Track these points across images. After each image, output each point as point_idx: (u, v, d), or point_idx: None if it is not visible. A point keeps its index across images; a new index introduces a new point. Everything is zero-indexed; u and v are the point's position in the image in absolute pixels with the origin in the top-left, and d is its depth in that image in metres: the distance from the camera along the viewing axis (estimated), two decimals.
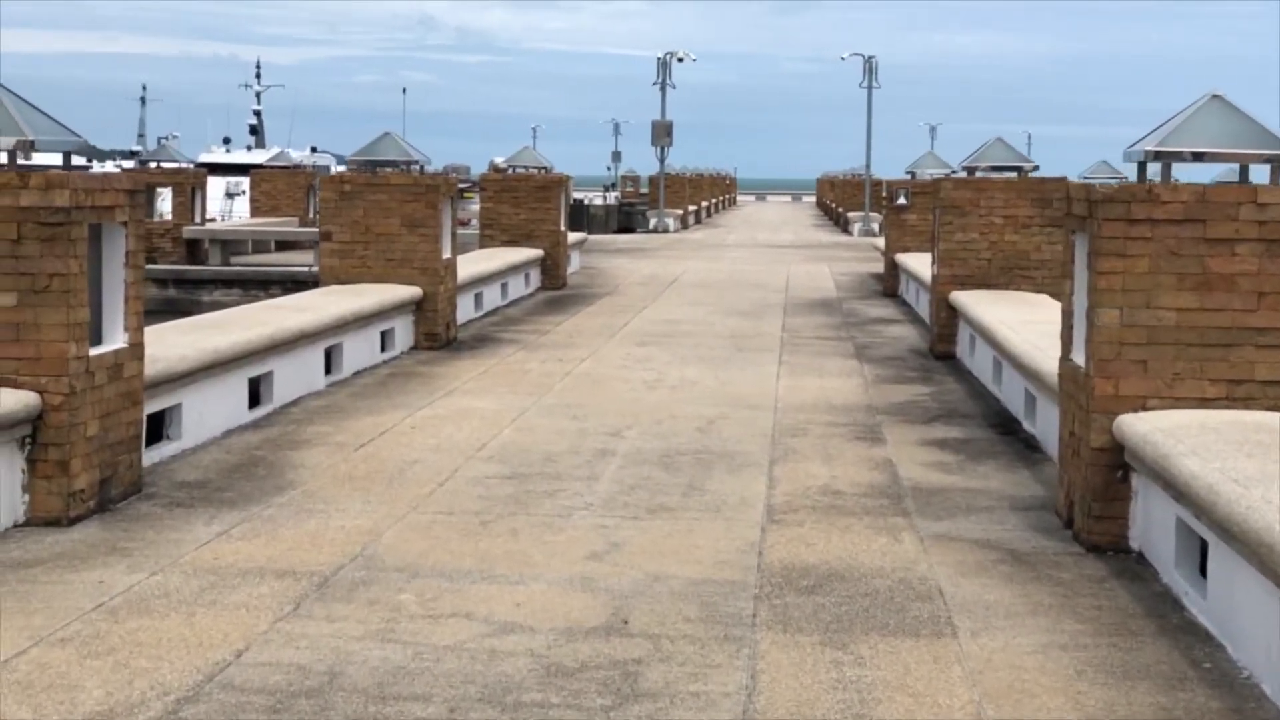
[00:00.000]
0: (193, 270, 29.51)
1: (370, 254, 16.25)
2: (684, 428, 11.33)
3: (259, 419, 11.36)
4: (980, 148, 16.36)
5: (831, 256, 35.97)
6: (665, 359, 15.51)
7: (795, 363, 15.41)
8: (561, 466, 9.76)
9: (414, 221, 16.21)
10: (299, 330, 12.20)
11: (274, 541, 7.67)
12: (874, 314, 21.29)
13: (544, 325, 18.92)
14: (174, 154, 31.66)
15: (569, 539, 7.81)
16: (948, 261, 16.03)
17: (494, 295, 20.91)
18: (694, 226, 57.38)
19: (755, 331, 18.41)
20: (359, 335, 14.23)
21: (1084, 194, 7.94)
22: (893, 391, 13.56)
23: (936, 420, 11.99)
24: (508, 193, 25.00)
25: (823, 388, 13.68)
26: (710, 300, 22.83)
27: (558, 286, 24.70)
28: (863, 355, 16.26)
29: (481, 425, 11.27)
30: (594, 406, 12.28)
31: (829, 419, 11.89)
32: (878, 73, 52.78)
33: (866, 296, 24.29)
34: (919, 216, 24.31)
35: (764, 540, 7.85)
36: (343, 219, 16.27)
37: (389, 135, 16.65)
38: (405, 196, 16.22)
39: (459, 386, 13.36)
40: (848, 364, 15.48)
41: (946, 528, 8.22)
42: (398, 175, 16.33)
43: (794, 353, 16.28)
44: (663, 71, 51.37)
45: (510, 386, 13.40)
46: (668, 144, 50.66)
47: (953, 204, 15.99)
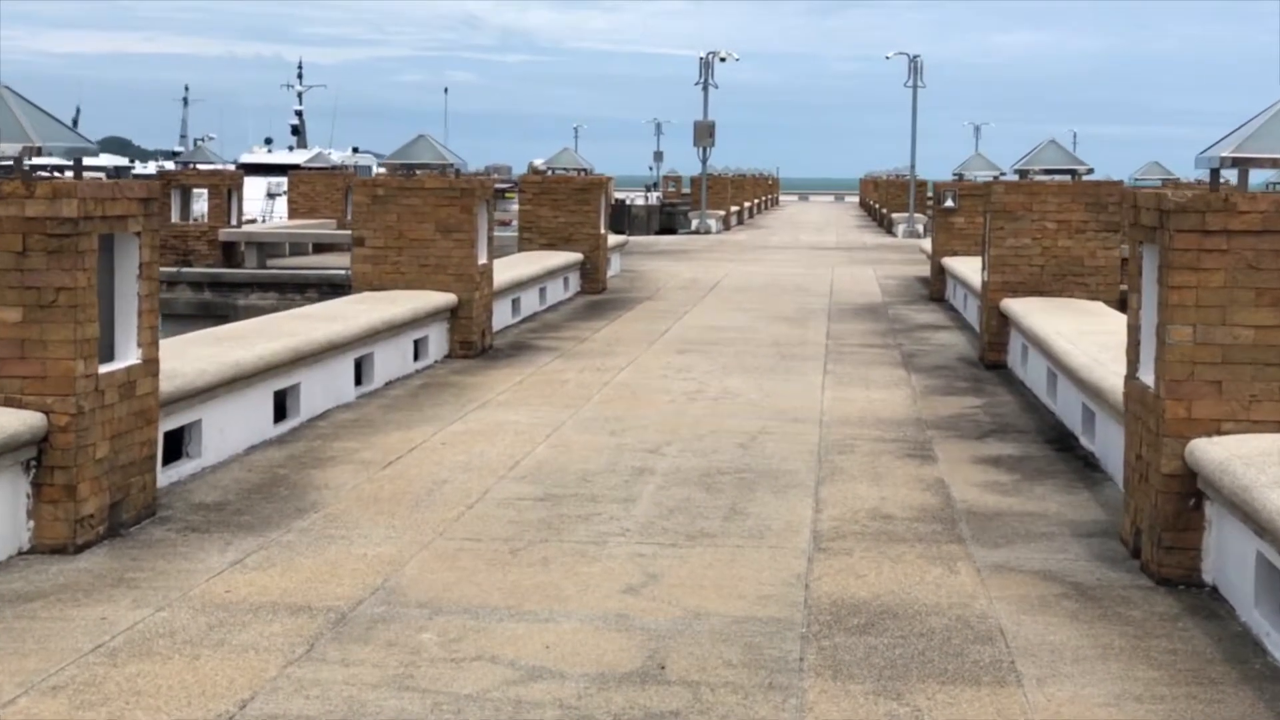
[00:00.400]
0: (229, 273, 29.21)
1: (404, 260, 15.83)
2: (726, 444, 10.87)
3: (284, 434, 10.95)
4: (1033, 150, 15.82)
5: (876, 259, 35.41)
6: (706, 368, 15.04)
7: (841, 372, 14.92)
8: (597, 487, 9.30)
9: (449, 226, 15.79)
10: (327, 341, 11.78)
11: (290, 571, 7.24)
12: (921, 320, 20.76)
13: (583, 332, 18.48)
14: (210, 155, 31.35)
15: (603, 569, 7.35)
16: (999, 267, 15.50)
17: (532, 300, 20.49)
18: (736, 228, 56.87)
19: (799, 339, 17.92)
20: (391, 344, 13.81)
21: (1154, 203, 7.43)
22: (942, 404, 13.05)
23: (989, 436, 11.47)
24: (547, 195, 24.57)
25: (870, 400, 13.18)
26: (753, 305, 22.34)
27: (597, 291, 24.26)
28: (910, 364, 15.75)
29: (515, 441, 10.82)
30: (633, 420, 11.82)
31: (877, 434, 11.39)
32: (923, 72, 52.20)
33: (913, 301, 23.75)
34: (967, 219, 23.76)
35: (811, 571, 7.38)
36: (376, 224, 15.86)
37: (423, 137, 16.23)
38: (440, 200, 15.80)
39: (493, 398, 12.93)
40: (895, 374, 14.98)
41: (1005, 557, 7.72)
42: (432, 178, 15.91)
43: (839, 361, 15.78)
44: (705, 71, 50.85)
45: (546, 398, 12.95)
46: (710, 144, 50.15)
47: (1004, 208, 15.46)
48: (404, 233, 15.82)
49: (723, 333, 18.42)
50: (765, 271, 30.07)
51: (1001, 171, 23.83)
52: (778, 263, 33.38)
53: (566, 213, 24.43)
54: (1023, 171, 15.71)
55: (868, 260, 34.77)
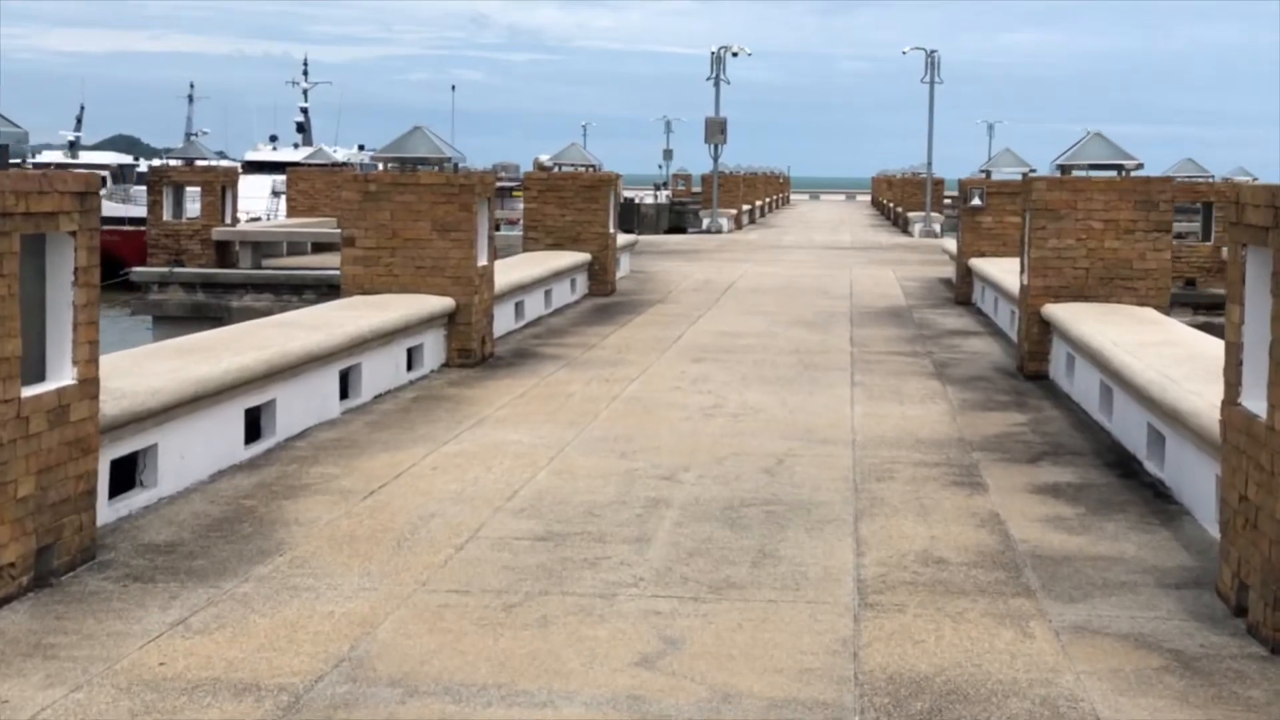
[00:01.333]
0: (222, 274, 28.05)
1: (397, 261, 14.69)
2: (749, 468, 9.72)
3: (256, 457, 9.81)
4: (1076, 143, 14.65)
5: (894, 260, 34.22)
6: (724, 379, 13.89)
7: (870, 384, 13.76)
8: (605, 523, 8.15)
9: (446, 225, 14.64)
10: (305, 352, 10.64)
11: (241, 636, 6.10)
12: (949, 325, 19.59)
13: (590, 338, 17.33)
14: (203, 150, 30.20)
15: (613, 633, 6.20)
16: (1040, 270, 14.33)
17: (536, 304, 19.34)
18: (748, 227, 55.68)
19: (822, 346, 16.76)
20: (381, 354, 12.67)
21: (1266, 199, 6.26)
22: (984, 421, 11.89)
23: (1042, 458, 10.31)
24: (553, 192, 23.40)
25: (904, 416, 12.02)
26: (770, 308, 21.18)
27: (606, 293, 23.11)
28: (944, 375, 14.58)
29: (514, 466, 9.68)
30: (644, 440, 10.67)
31: (917, 457, 10.24)
32: (940, 68, 50.95)
33: (938, 305, 22.58)
34: (995, 218, 22.60)
35: (859, 634, 6.22)
36: (367, 222, 14.73)
37: (419, 129, 15.08)
38: (437, 197, 14.66)
39: (491, 414, 11.78)
40: (928, 385, 13.82)
41: (1085, 615, 6.57)
42: (428, 174, 14.76)
43: (867, 371, 14.62)
44: (716, 66, 49.61)
45: (549, 414, 11.81)
46: (721, 141, 48.93)
47: (1046, 206, 14.28)
48: (398, 232, 14.69)
49: (740, 339, 17.27)
50: (781, 272, 28.90)
51: (1031, 168, 22.72)
52: (793, 263, 32.21)
53: (574, 211, 23.27)
54: (1065, 167, 14.54)
55: (886, 261, 33.60)
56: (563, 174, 23.56)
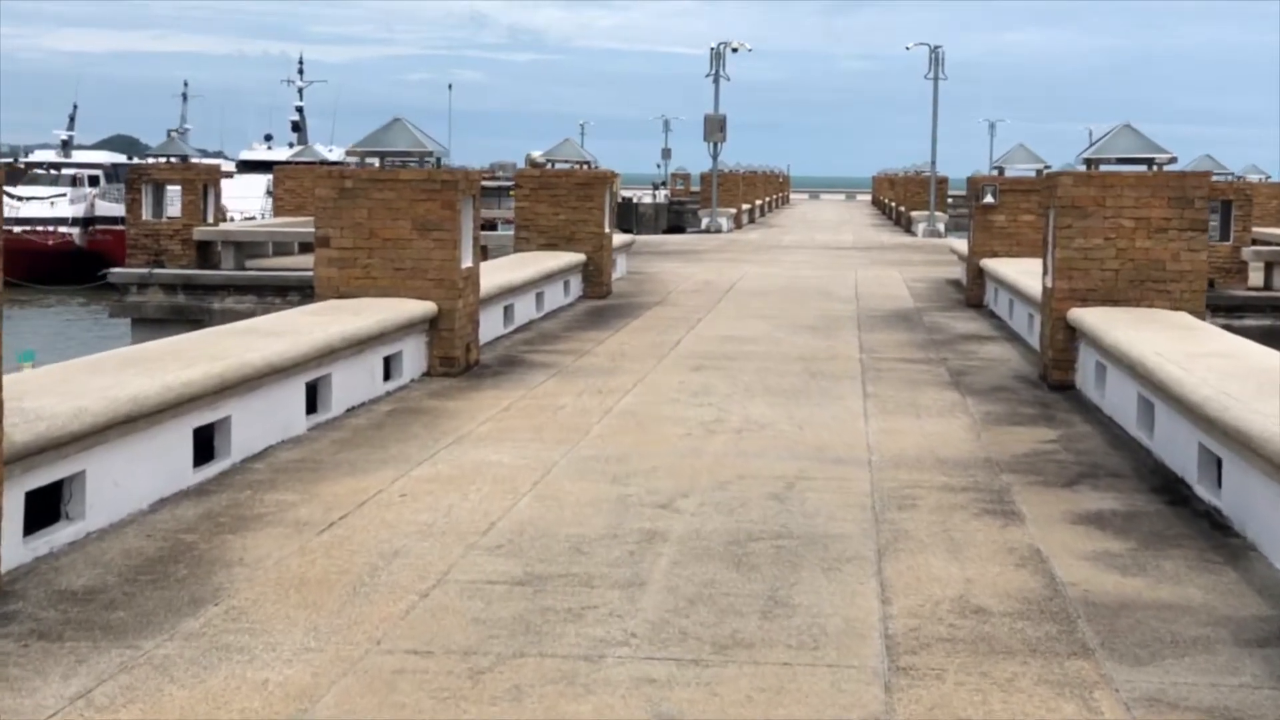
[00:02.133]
0: (203, 275, 26.99)
1: (375, 263, 13.68)
2: (755, 494, 8.71)
3: (206, 482, 8.80)
4: (1104, 136, 13.64)
5: (899, 260, 33.23)
6: (726, 390, 12.88)
7: (883, 395, 12.75)
8: (594, 562, 7.15)
9: (428, 224, 13.63)
10: (265, 364, 9.62)
11: (153, 714, 5.08)
12: (961, 329, 18.57)
13: (583, 343, 16.32)
14: (183, 148, 29.16)
15: (598, 709, 5.19)
16: (1066, 272, 13.31)
17: (527, 307, 18.32)
18: (747, 226, 54.67)
19: (829, 352, 15.75)
20: (354, 364, 11.66)
21: None
22: (1011, 437, 10.88)
23: (1080, 482, 9.31)
24: (545, 190, 22.37)
25: (923, 431, 11.02)
26: (773, 311, 20.17)
27: (601, 295, 22.09)
28: (961, 384, 13.57)
29: (493, 492, 8.67)
30: (640, 461, 9.67)
31: (942, 480, 9.23)
32: (944, 64, 49.91)
33: (948, 307, 21.56)
34: (1009, 217, 21.59)
35: (892, 710, 5.22)
36: (343, 221, 13.71)
37: (399, 121, 14.06)
38: (417, 194, 13.65)
39: (473, 430, 10.77)
40: (946, 396, 12.81)
41: (1157, 682, 5.55)
42: (409, 170, 13.75)
43: (879, 381, 13.61)
44: (716, 63, 48.57)
45: (536, 430, 10.80)
46: (721, 139, 47.90)
47: (1073, 204, 13.27)
48: (375, 231, 13.67)
49: (742, 345, 16.26)
50: (783, 274, 27.89)
51: (1046, 164, 21.73)
52: (795, 264, 31.20)
53: (567, 210, 22.24)
54: (1092, 161, 13.52)
55: (890, 261, 32.60)
56: (556, 171, 22.53)
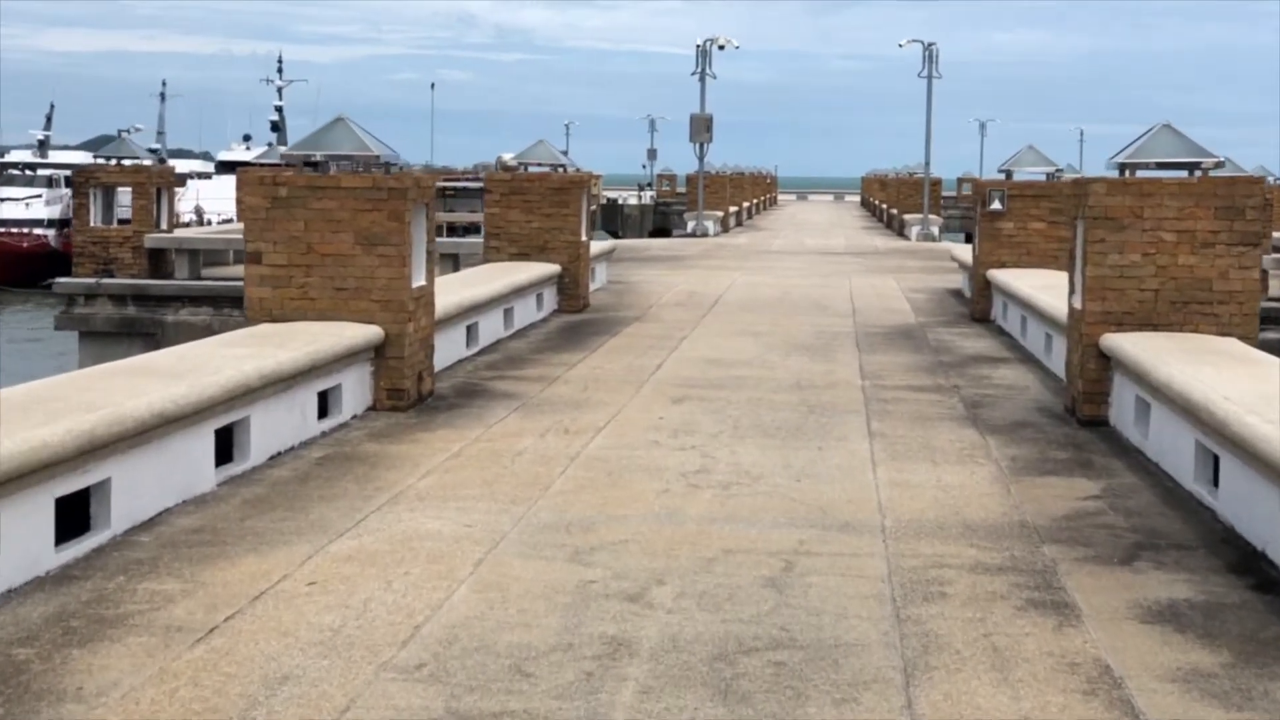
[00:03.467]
0: (155, 285, 25.31)
1: (313, 282, 12.03)
2: (747, 577, 7.11)
3: (72, 564, 7.15)
4: (1140, 137, 12.03)
5: (895, 267, 31.61)
6: (711, 427, 11.27)
7: (892, 435, 11.13)
8: (539, 690, 5.52)
9: (372, 237, 11.99)
10: (154, 413, 7.97)
11: None
12: (970, 349, 16.95)
13: (553, 368, 14.68)
14: (134, 148, 27.44)
15: None
16: (1099, 292, 11.70)
17: (494, 325, 16.67)
18: (735, 229, 53.04)
19: (827, 378, 14.13)
20: (279, 402, 10.03)
21: None
22: (1046, 491, 9.28)
23: (1138, 555, 7.70)
24: (518, 196, 20.70)
25: (942, 484, 9.41)
26: (763, 327, 18.54)
27: (578, 309, 20.45)
28: (979, 420, 11.96)
29: (424, 577, 7.04)
30: (607, 529, 8.04)
31: (972, 555, 7.62)
32: (938, 61, 48.28)
33: (953, 322, 19.94)
34: (1017, 225, 19.98)
35: None
36: (276, 234, 12.06)
37: (342, 121, 12.42)
38: (361, 203, 12.01)
39: (413, 484, 9.15)
40: (964, 435, 11.20)
41: None
42: (351, 176, 12.10)
43: (885, 416, 11.99)
44: (702, 60, 46.90)
45: (488, 484, 9.17)
46: (707, 140, 46.25)
47: (1106, 214, 11.66)
48: (313, 246, 12.03)
49: (730, 368, 14.64)
50: (773, 282, 26.25)
51: (1057, 167, 20.15)
52: (786, 271, 29.56)
53: (541, 217, 20.59)
54: (1127, 166, 11.91)
55: (885, 268, 30.98)
56: (529, 175, 20.87)
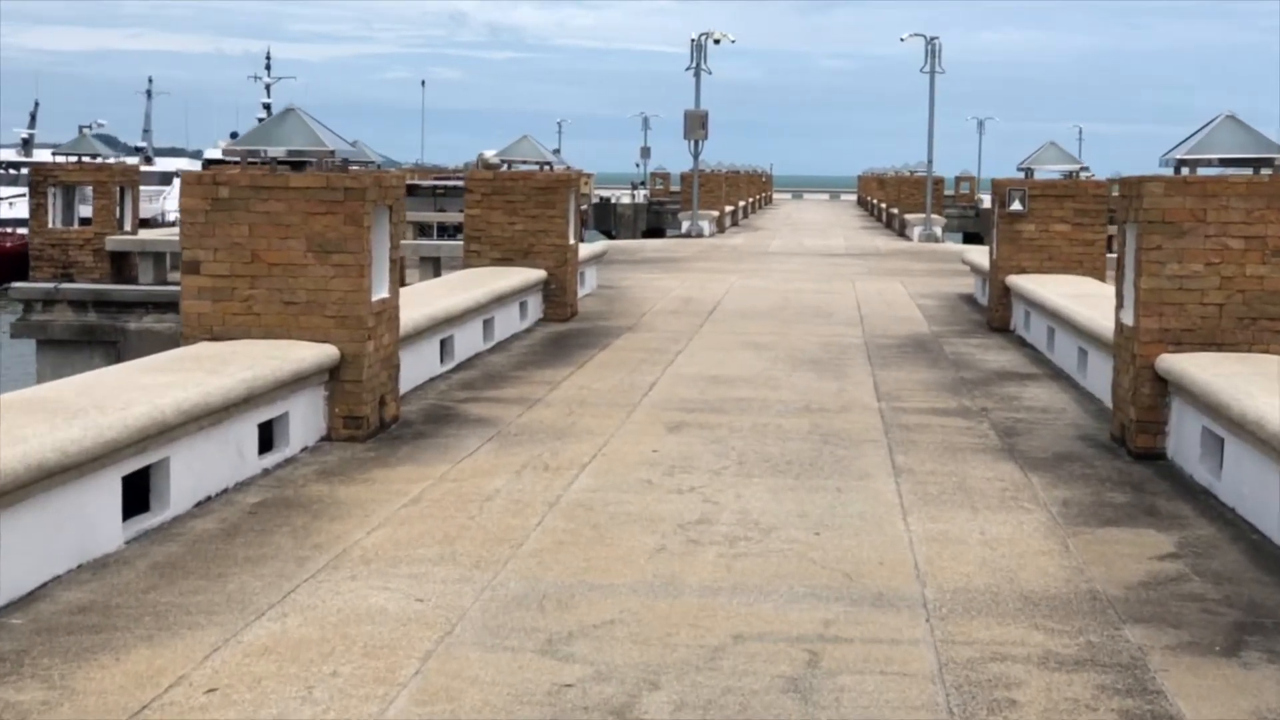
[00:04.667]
0: (118, 290, 23.84)
1: (258, 295, 10.58)
2: (762, 678, 5.65)
3: None
4: (1200, 130, 10.57)
5: (900, 269, 30.15)
6: (712, 462, 9.82)
7: (920, 470, 9.68)
8: None
9: (327, 244, 10.53)
10: (30, 465, 6.50)
11: None
12: (993, 363, 15.49)
13: (535, 387, 13.22)
14: (96, 146, 25.91)
15: None
16: (1155, 307, 10.25)
17: (471, 339, 15.20)
18: (730, 230, 51.56)
19: (840, 399, 12.67)
20: (209, 439, 8.57)
21: None
22: (1112, 548, 7.82)
23: (1243, 642, 6.25)
24: (500, 196, 19.20)
25: (986, 536, 7.96)
26: (766, 338, 17.08)
27: (565, 317, 18.97)
28: (1016, 450, 10.51)
29: (355, 681, 5.57)
30: (589, 605, 6.59)
31: (1040, 643, 6.16)
32: (941, 56, 46.79)
33: (969, 332, 18.48)
34: (1039, 226, 18.53)
35: None
36: (216, 240, 10.60)
37: (293, 112, 10.94)
38: (313, 205, 10.54)
39: (360, 540, 7.68)
40: (1002, 471, 9.75)
41: None
42: (302, 175, 10.64)
43: (910, 446, 10.54)
44: (697, 55, 45.40)
45: (448, 540, 7.71)
46: (702, 136, 44.75)
47: (1164, 218, 10.21)
48: (259, 254, 10.57)
49: (731, 388, 13.18)
50: (773, 287, 24.79)
51: (1082, 165, 18.71)
52: (786, 274, 28.08)
53: (525, 218, 19.10)
54: (1186, 162, 10.46)
55: (890, 271, 29.52)
56: (512, 174, 19.38)
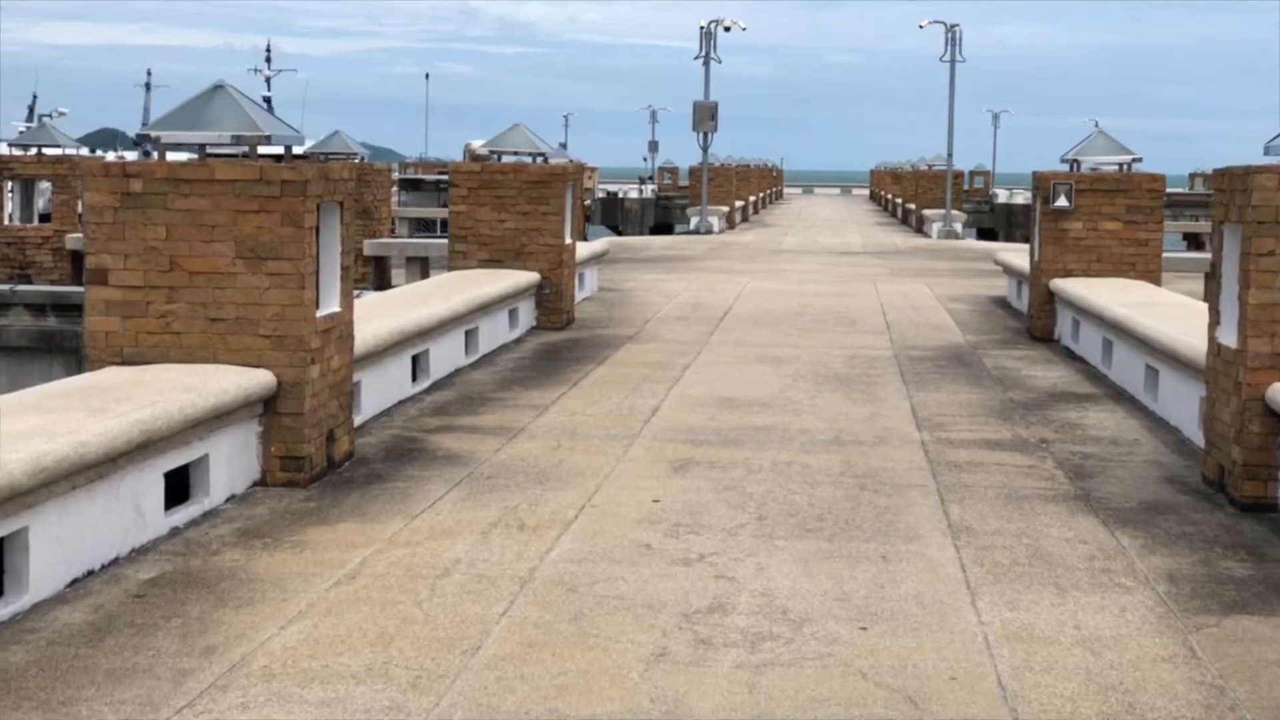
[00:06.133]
0: (79, 293, 22.02)
1: (179, 310, 8.76)
2: None
3: None
4: None
5: (921, 269, 28.29)
6: (726, 518, 8.00)
7: (981, 530, 7.85)
8: None
9: (260, 248, 8.72)
10: None
11: None
12: (1042, 380, 13.64)
13: (520, 412, 11.40)
14: (56, 136, 24.10)
15: None
16: (1264, 326, 8.42)
17: (450, 352, 13.38)
18: (741, 226, 49.69)
19: (873, 429, 10.84)
20: (90, 498, 6.77)
21: None
22: (1248, 649, 6.00)
23: None
24: (488, 191, 17.36)
25: (1086, 638, 6.13)
26: (783, 350, 15.25)
27: (560, 325, 17.14)
28: (1092, 496, 8.68)
29: None
30: None
31: None
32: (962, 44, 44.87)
33: (1008, 342, 16.63)
34: (1086, 224, 16.66)
35: None
36: (127, 244, 8.78)
37: (222, 90, 9.12)
38: (243, 202, 8.73)
39: (266, 643, 5.86)
40: (1082, 529, 7.92)
41: None
42: (229, 164, 8.82)
43: (964, 493, 8.71)
44: (706, 43, 43.53)
45: (384, 642, 5.89)
46: (712, 129, 42.87)
47: (1278, 217, 8.37)
48: (179, 261, 8.75)
49: (746, 413, 11.36)
50: (789, 290, 22.92)
51: (1135, 155, 16.84)
52: (801, 275, 26.20)
53: (516, 215, 17.25)
54: None
55: (912, 271, 27.64)
56: (503, 165, 17.52)
